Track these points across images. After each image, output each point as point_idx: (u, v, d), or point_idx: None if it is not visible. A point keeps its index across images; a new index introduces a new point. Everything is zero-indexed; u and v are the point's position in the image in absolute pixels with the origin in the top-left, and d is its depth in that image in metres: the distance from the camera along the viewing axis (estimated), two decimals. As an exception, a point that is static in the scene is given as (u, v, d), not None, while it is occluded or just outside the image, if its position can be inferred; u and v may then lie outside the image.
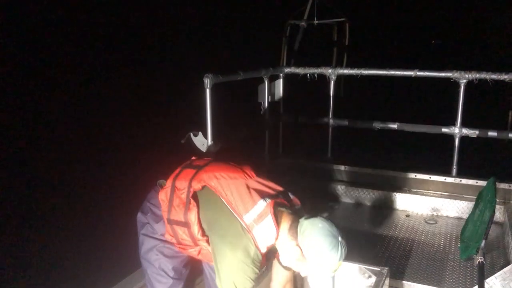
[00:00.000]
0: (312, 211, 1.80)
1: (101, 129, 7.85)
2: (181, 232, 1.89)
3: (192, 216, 1.84)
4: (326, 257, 1.69)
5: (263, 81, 3.71)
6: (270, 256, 1.86)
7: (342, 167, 3.85)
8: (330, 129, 3.95)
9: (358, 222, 3.38)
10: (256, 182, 1.85)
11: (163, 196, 1.94)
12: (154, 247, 2.00)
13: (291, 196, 1.93)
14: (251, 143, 3.70)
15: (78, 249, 4.42)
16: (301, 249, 1.72)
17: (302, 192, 3.44)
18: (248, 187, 1.81)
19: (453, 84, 3.42)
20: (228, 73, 3.16)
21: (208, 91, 2.87)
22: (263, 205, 1.75)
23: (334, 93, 3.88)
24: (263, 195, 1.79)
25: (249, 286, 1.73)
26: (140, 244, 2.05)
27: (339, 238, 1.71)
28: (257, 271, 1.75)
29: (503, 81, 3.31)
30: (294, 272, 2.24)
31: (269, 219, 1.73)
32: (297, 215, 1.78)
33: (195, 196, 1.87)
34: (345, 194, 3.78)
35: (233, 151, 2.99)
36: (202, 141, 2.95)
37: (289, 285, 2.19)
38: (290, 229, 1.75)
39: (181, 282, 2.07)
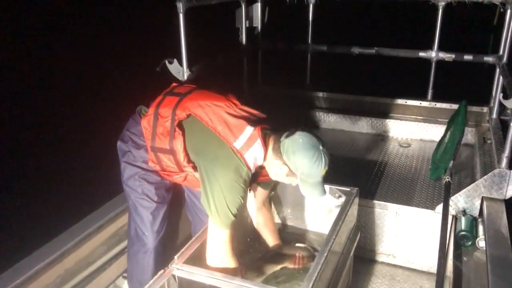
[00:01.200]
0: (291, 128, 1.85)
1: (75, 59, 7.67)
2: (166, 159, 1.93)
3: (178, 144, 1.86)
4: (312, 169, 1.77)
5: (240, 5, 3.60)
6: (254, 177, 1.93)
7: (320, 94, 3.88)
8: (308, 55, 3.92)
9: (335, 147, 3.46)
10: (241, 110, 1.88)
11: (145, 123, 1.95)
12: (136, 173, 2.05)
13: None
14: (229, 71, 3.66)
15: (60, 177, 4.48)
16: (288, 166, 1.79)
17: (282, 119, 3.50)
18: (234, 115, 1.83)
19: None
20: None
21: (181, 16, 2.78)
22: (250, 130, 1.80)
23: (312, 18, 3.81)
24: (249, 121, 1.83)
25: (240, 206, 1.78)
26: (122, 171, 2.10)
27: (320, 147, 1.78)
28: (247, 189, 1.82)
29: (482, 3, 3.27)
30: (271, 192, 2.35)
31: (259, 143, 1.79)
32: (278, 135, 1.83)
33: (180, 125, 1.88)
34: (323, 120, 3.84)
35: (210, 79, 2.96)
36: (178, 69, 2.92)
37: (267, 202, 2.29)
38: (274, 150, 1.81)
39: (164, 206, 2.15)
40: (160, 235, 2.16)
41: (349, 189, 2.20)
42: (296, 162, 1.77)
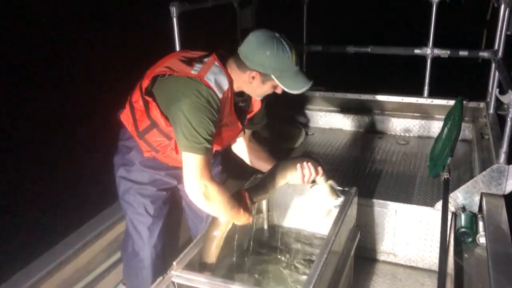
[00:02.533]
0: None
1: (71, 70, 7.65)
2: (154, 137, 1.88)
3: (154, 111, 1.81)
4: (279, 59, 1.73)
5: (234, 9, 3.59)
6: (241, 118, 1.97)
7: (317, 93, 3.86)
8: (304, 55, 3.92)
9: (332, 145, 3.46)
10: (193, 51, 1.90)
11: (125, 116, 1.95)
12: (130, 188, 2.05)
13: None
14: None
15: (59, 185, 4.48)
16: (257, 71, 1.77)
17: (278, 120, 3.49)
18: (187, 57, 1.84)
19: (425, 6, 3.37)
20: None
21: (175, 20, 2.77)
22: (206, 58, 1.81)
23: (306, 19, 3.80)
24: (204, 53, 1.85)
25: (208, 127, 1.68)
26: (117, 186, 2.09)
27: (277, 35, 1.75)
28: (215, 114, 1.71)
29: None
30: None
31: (216, 65, 1.78)
32: (236, 52, 1.81)
33: (149, 94, 1.83)
34: (320, 119, 3.83)
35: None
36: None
37: (252, 137, 2.28)
38: (237, 64, 1.79)
39: (161, 219, 2.14)
40: (158, 250, 2.14)
41: (347, 189, 2.19)
42: (261, 61, 1.73)
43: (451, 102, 3.37)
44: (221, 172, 2.35)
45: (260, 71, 1.76)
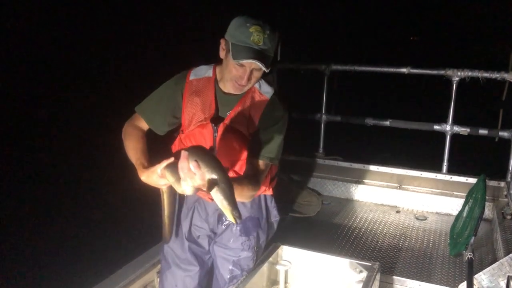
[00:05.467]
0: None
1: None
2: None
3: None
4: (239, 25, 1.82)
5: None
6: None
7: (334, 163, 3.87)
8: (322, 125, 3.96)
9: (349, 217, 3.40)
10: None
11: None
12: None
13: None
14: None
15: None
16: (224, 38, 1.89)
17: (294, 187, 3.47)
18: None
19: (439, 81, 3.45)
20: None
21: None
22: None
23: (327, 89, 3.88)
24: None
25: (155, 95, 2.05)
26: None
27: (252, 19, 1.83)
28: (172, 88, 2.04)
29: (494, 80, 3.34)
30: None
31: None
32: None
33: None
34: (337, 189, 3.80)
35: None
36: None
37: None
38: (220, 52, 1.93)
39: None
40: None
41: (370, 264, 2.12)
42: (228, 28, 1.86)
43: (471, 180, 3.36)
44: None
45: (224, 38, 1.88)
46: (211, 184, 1.51)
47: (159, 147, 2.15)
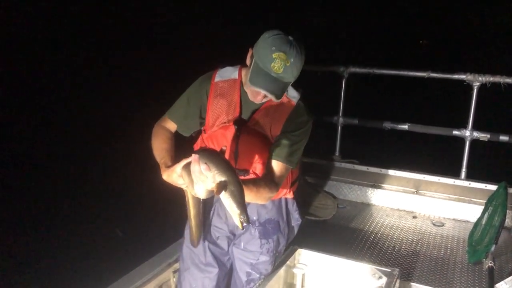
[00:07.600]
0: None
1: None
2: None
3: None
4: (265, 45, 1.75)
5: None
6: None
7: (350, 166, 3.84)
8: (339, 128, 3.93)
9: (365, 221, 3.37)
10: None
11: None
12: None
13: None
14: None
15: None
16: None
17: (310, 190, 3.44)
18: None
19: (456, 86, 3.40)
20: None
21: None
22: None
23: (345, 91, 3.85)
24: None
25: (181, 100, 2.08)
26: None
27: (290, 38, 1.75)
28: (197, 90, 2.04)
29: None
30: None
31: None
32: None
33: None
34: (352, 192, 3.77)
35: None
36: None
37: None
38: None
39: None
40: None
41: (390, 270, 2.10)
42: (257, 43, 1.80)
43: (490, 187, 3.31)
44: None
45: (253, 48, 1.83)
46: (221, 186, 1.50)
47: (186, 147, 2.15)
